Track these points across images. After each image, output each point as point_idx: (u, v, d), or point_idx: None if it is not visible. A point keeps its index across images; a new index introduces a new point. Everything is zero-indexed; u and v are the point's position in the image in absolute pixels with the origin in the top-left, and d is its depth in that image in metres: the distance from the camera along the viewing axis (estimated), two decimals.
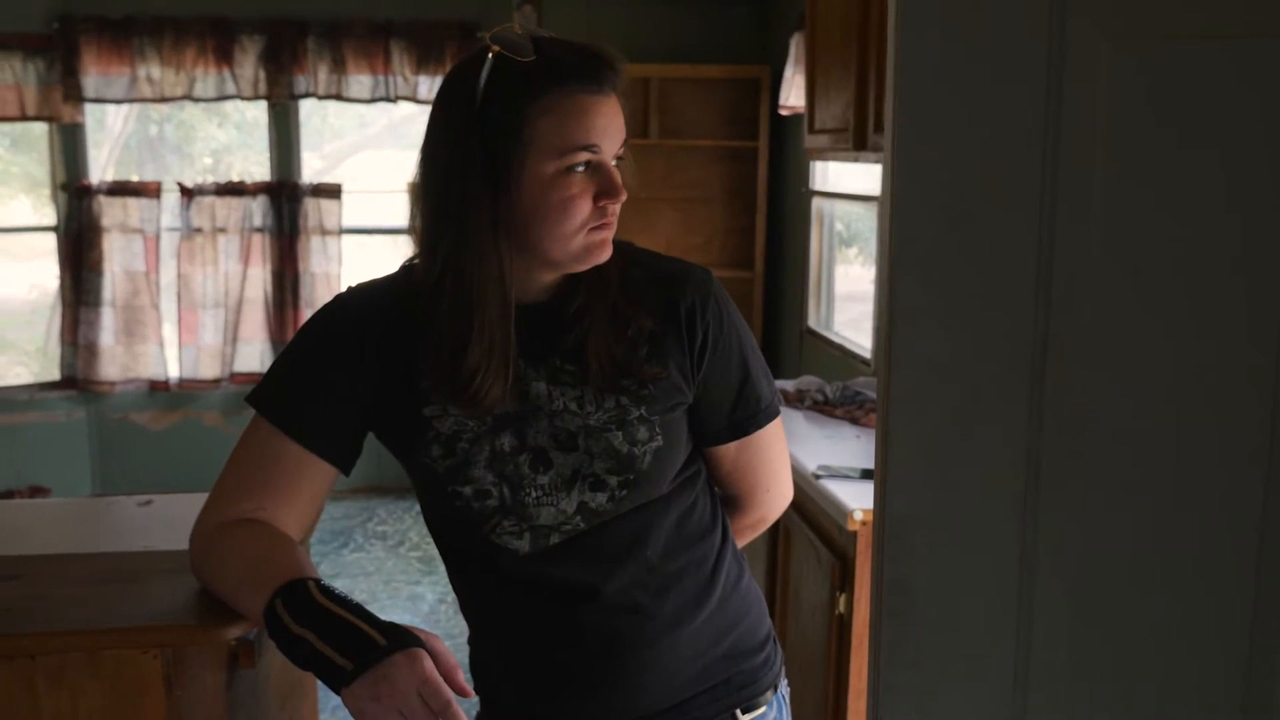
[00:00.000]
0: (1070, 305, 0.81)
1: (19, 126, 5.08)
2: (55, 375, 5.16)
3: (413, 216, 1.21)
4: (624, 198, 1.17)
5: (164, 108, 5.32)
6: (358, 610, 1.10)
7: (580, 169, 1.15)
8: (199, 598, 1.23)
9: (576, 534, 1.22)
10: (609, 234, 1.19)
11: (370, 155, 6.20)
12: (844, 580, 2.28)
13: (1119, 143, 0.79)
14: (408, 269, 1.25)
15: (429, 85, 5.01)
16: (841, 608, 2.28)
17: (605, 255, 1.20)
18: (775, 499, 1.41)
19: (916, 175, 0.81)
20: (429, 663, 1.06)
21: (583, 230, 1.16)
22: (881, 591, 0.87)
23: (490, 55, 1.13)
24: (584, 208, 1.15)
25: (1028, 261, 0.81)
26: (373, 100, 5.08)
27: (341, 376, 1.22)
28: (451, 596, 1.37)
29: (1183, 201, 0.80)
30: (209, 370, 5.21)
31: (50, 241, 5.10)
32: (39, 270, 5.27)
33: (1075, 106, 0.79)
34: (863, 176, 4.11)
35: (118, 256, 5.06)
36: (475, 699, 1.29)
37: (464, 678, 1.11)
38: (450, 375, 1.17)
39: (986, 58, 0.79)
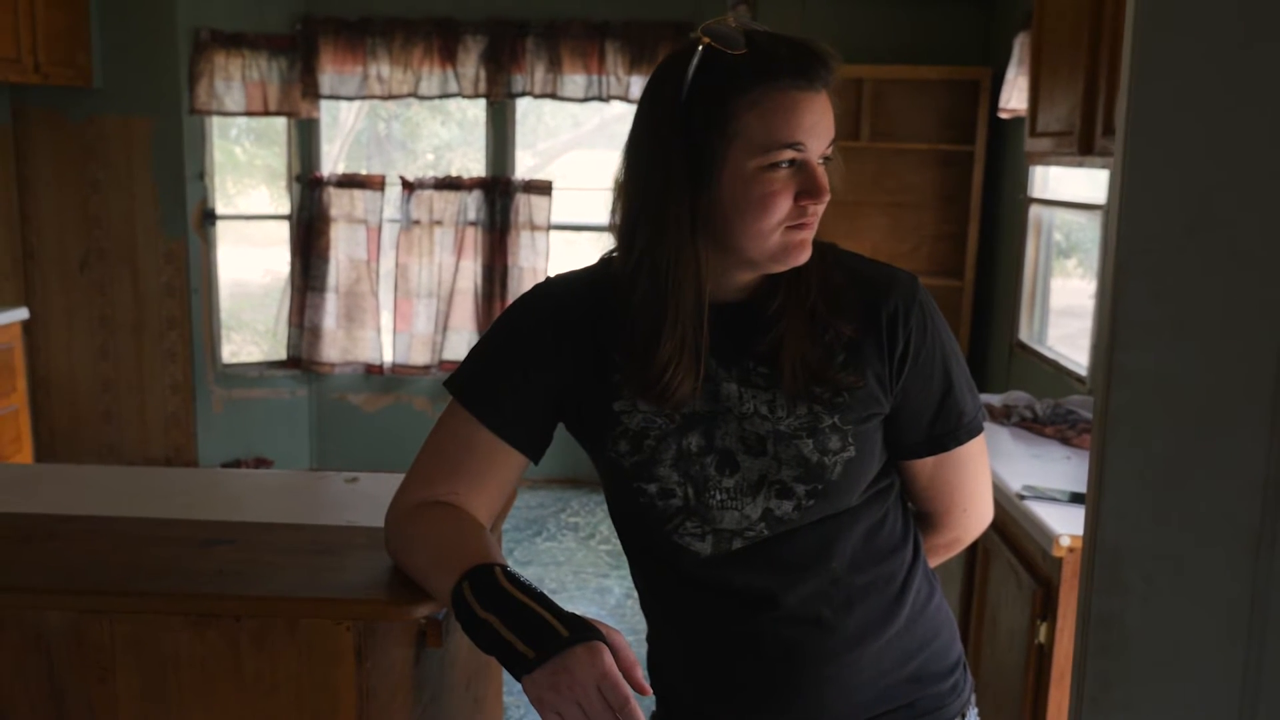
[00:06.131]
0: None
1: (262, 121, 5.45)
2: (282, 355, 5.51)
3: (614, 210, 1.21)
4: (827, 199, 1.13)
5: (392, 105, 5.60)
6: (542, 599, 1.11)
7: (784, 166, 1.12)
8: (391, 574, 1.27)
9: (760, 540, 1.19)
10: (808, 234, 1.15)
11: (581, 154, 6.33)
12: (1046, 608, 2.15)
13: None
14: (606, 262, 1.25)
15: (641, 85, 5.05)
16: (1042, 637, 2.16)
17: (804, 256, 1.16)
18: (973, 520, 1.34)
19: (1150, 174, 0.74)
20: (609, 657, 1.05)
21: (780, 228, 1.13)
22: (1088, 626, 0.80)
23: (700, 47, 1.11)
24: (784, 205, 1.12)
25: (1276, 270, 0.73)
26: (586, 99, 5.18)
27: (536, 366, 1.23)
28: None
29: None
30: (420, 357, 5.45)
31: (284, 230, 5.45)
32: (274, 256, 5.64)
33: None
34: (1086, 184, 3.89)
35: (343, 245, 5.36)
36: (652, 697, 1.28)
37: (643, 675, 1.10)
38: (641, 368, 1.16)
39: (1235, 38, 0.71)
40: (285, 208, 5.44)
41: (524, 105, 5.46)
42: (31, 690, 1.27)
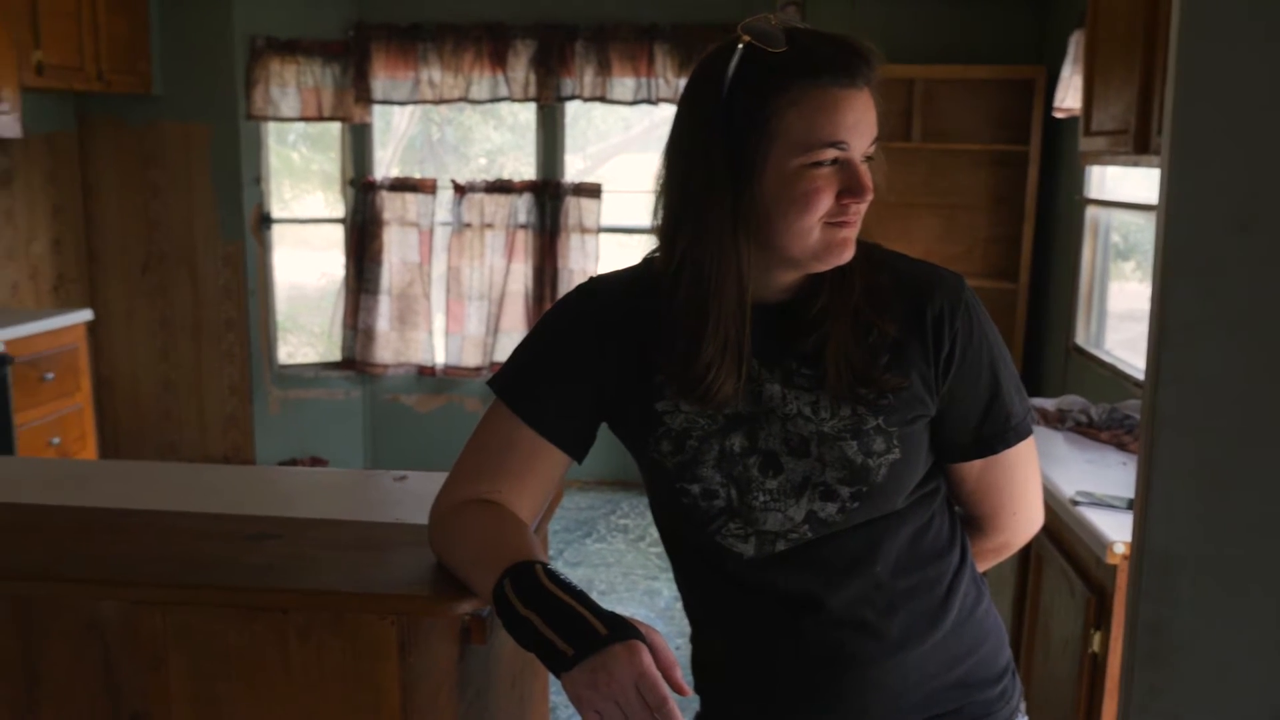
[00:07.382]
0: None
1: (317, 126, 5.53)
2: (337, 356, 5.58)
3: (655, 211, 1.21)
4: (869, 198, 1.12)
5: (445, 110, 5.65)
6: (582, 598, 1.11)
7: (827, 164, 1.11)
8: (436, 571, 1.28)
9: (804, 543, 1.18)
10: (850, 233, 1.14)
11: (631, 157, 6.34)
12: (1100, 617, 2.12)
13: None
14: (649, 262, 1.25)
15: None
16: (1096, 646, 2.12)
17: (847, 255, 1.15)
18: (1021, 524, 1.32)
19: (1198, 173, 0.73)
20: (648, 657, 1.05)
21: (821, 224, 1.12)
22: (1136, 632, 0.79)
23: (740, 45, 1.11)
24: (824, 202, 1.11)
25: None
26: (635, 102, 5.19)
27: (579, 366, 1.23)
28: None
29: None
30: (471, 358, 5.49)
31: (339, 233, 5.52)
32: (329, 259, 5.72)
33: None
34: (1144, 184, 3.82)
35: (396, 248, 5.41)
36: (694, 697, 1.28)
37: (683, 675, 1.10)
38: (683, 369, 1.16)
39: None
40: (340, 211, 5.51)
41: (574, 109, 5.48)
42: (89, 677, 1.29)
